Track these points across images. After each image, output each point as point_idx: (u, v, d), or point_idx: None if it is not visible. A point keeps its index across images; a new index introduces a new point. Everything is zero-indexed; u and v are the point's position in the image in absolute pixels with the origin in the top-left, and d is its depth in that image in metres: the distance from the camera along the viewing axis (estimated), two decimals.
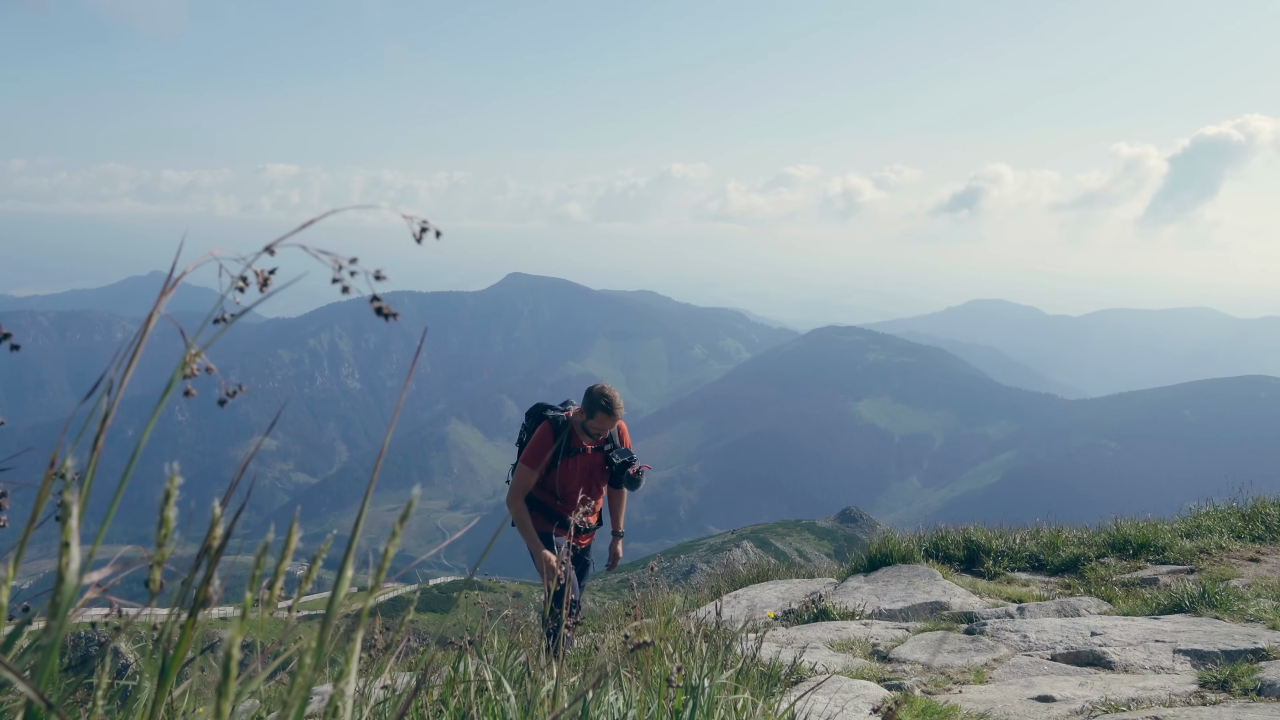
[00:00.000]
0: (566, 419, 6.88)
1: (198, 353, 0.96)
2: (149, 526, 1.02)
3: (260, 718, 2.01)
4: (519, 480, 6.75)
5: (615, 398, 6.67)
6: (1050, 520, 8.57)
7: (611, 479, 7.00)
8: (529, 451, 6.77)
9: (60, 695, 1.31)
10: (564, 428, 6.81)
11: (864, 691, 4.07)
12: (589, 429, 6.72)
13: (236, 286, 0.95)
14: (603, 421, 6.61)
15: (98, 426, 0.91)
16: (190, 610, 0.88)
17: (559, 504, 6.82)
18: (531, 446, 6.77)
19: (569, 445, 6.81)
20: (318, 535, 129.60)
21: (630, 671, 2.49)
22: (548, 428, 6.84)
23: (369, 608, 0.85)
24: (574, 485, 6.81)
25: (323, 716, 0.84)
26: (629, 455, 6.95)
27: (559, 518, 6.86)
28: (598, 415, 6.62)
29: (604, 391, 6.69)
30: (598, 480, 6.98)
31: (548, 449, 6.74)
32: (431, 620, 31.29)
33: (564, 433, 6.81)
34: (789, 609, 6.66)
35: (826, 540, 52.20)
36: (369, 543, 1.24)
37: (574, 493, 6.82)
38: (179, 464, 0.99)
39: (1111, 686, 4.27)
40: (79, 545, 0.85)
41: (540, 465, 6.72)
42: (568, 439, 6.82)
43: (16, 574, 0.98)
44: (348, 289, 0.98)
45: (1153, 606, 5.86)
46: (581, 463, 6.87)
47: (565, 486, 6.79)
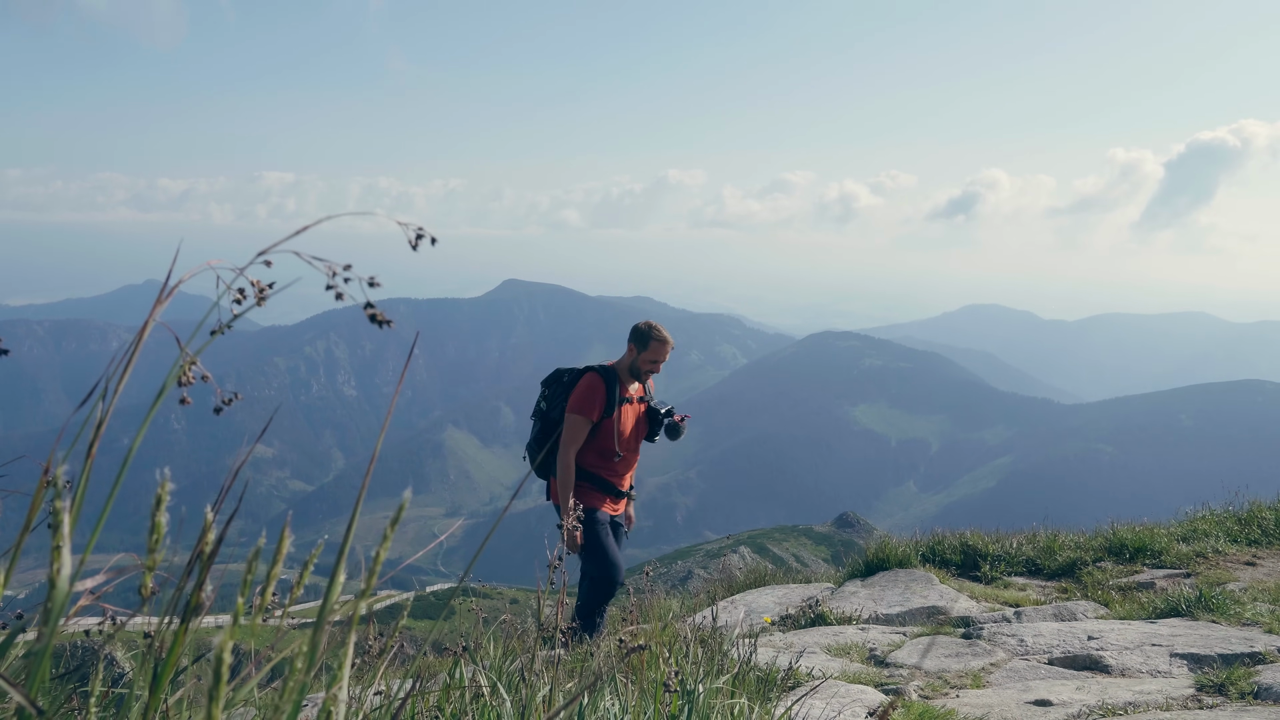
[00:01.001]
0: (610, 366, 6.45)
1: (193, 360, 0.96)
2: (144, 535, 1.02)
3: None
4: (571, 431, 6.24)
5: (663, 328, 6.32)
6: (1047, 525, 8.57)
7: (649, 431, 6.62)
8: (579, 399, 6.26)
9: (54, 703, 1.31)
10: (613, 375, 6.37)
11: (861, 696, 4.06)
12: (640, 368, 6.36)
13: (234, 299, 0.95)
14: (657, 351, 6.27)
15: (92, 434, 0.91)
16: (182, 617, 0.88)
17: (612, 462, 6.38)
18: (580, 393, 6.27)
19: (620, 394, 6.36)
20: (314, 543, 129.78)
21: (626, 677, 2.49)
22: (594, 377, 6.36)
23: (361, 612, 0.85)
24: (626, 438, 6.41)
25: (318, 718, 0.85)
26: (668, 405, 6.63)
27: (610, 488, 6.44)
28: (652, 346, 6.27)
29: (651, 324, 6.34)
30: (643, 431, 6.60)
31: (599, 397, 6.28)
32: (427, 627, 31.26)
33: (615, 381, 6.35)
34: (786, 614, 6.66)
35: (823, 545, 52.16)
36: (364, 549, 1.24)
37: (627, 447, 6.45)
38: (175, 474, 0.99)
39: (1108, 690, 4.27)
40: (71, 552, 0.85)
41: (594, 413, 6.25)
42: (618, 387, 6.37)
43: (12, 583, 0.98)
44: (341, 296, 0.98)
45: (1149, 610, 5.87)
46: (630, 413, 6.46)
47: (619, 440, 6.36)
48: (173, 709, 1.20)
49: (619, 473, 6.48)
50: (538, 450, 6.57)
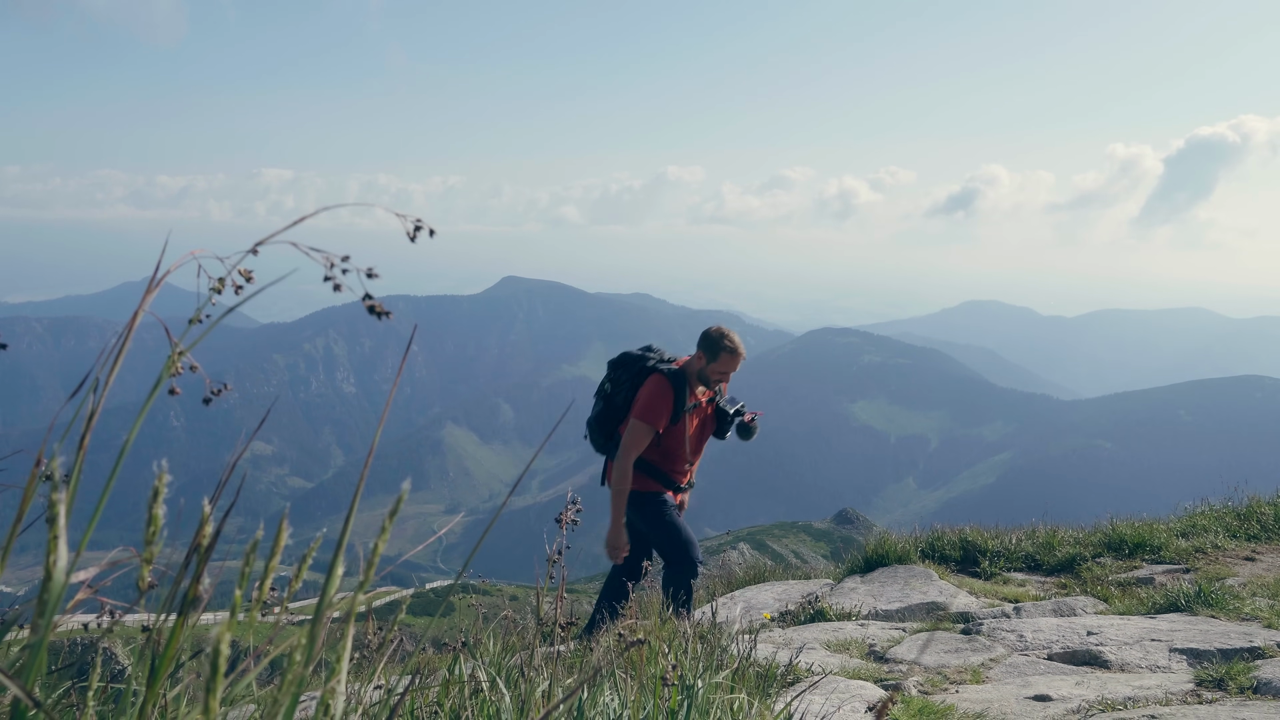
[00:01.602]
0: (679, 369, 6.28)
1: (183, 351, 0.96)
2: (142, 532, 1.01)
3: None
4: (634, 439, 6.12)
5: (737, 336, 6.20)
6: (1046, 520, 8.57)
7: (718, 429, 6.54)
8: (645, 407, 6.12)
9: (52, 697, 1.30)
10: (683, 380, 6.21)
11: (860, 691, 4.07)
12: (709, 376, 6.20)
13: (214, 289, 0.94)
14: (727, 364, 6.12)
15: (84, 426, 0.90)
16: (179, 610, 0.88)
17: (670, 464, 6.33)
18: (647, 402, 6.12)
19: (687, 400, 6.23)
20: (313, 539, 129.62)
21: (625, 672, 2.48)
22: (663, 381, 6.18)
23: (359, 606, 0.85)
24: (692, 443, 6.36)
25: (315, 715, 0.84)
26: (739, 404, 6.51)
27: (671, 482, 6.39)
28: (722, 357, 6.11)
29: (724, 331, 6.17)
30: (708, 432, 6.54)
31: (667, 404, 6.14)
32: (426, 623, 31.28)
33: (684, 386, 6.20)
34: (785, 610, 6.66)
35: (823, 542, 52.21)
36: (363, 545, 1.24)
37: (693, 450, 6.40)
38: (174, 471, 0.99)
39: (1108, 685, 4.27)
40: (67, 545, 0.85)
41: (661, 423, 6.13)
42: (686, 393, 6.23)
43: (11, 580, 0.97)
44: (339, 287, 0.97)
45: (1149, 606, 5.87)
46: (698, 416, 6.38)
47: (682, 445, 6.29)
48: (171, 703, 1.19)
49: (681, 470, 6.45)
50: (598, 430, 6.51)
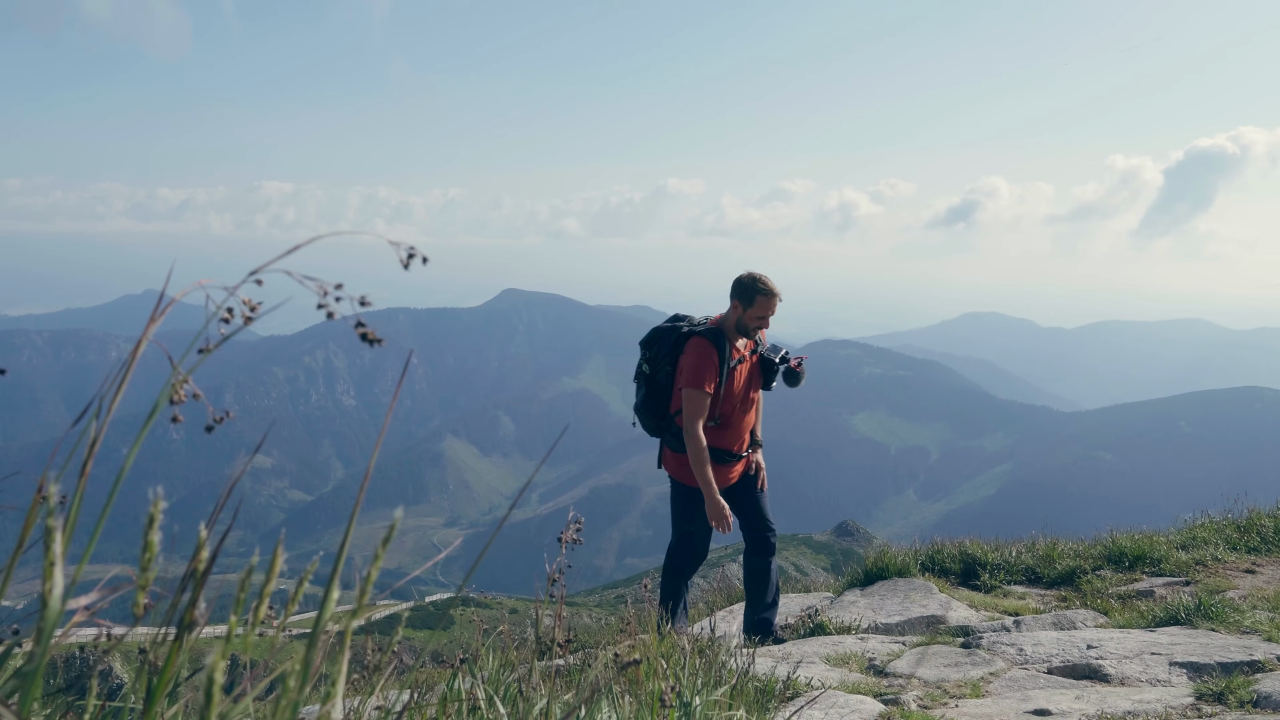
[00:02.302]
0: (715, 327, 6.06)
1: (184, 379, 0.97)
2: (140, 546, 1.02)
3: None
4: (692, 409, 5.89)
5: (769, 278, 5.93)
6: (1046, 533, 8.57)
7: (764, 381, 6.27)
8: (692, 373, 5.89)
9: (48, 715, 1.30)
10: (722, 338, 5.97)
11: (860, 706, 4.06)
12: (747, 324, 5.96)
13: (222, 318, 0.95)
14: (764, 306, 5.88)
15: (86, 451, 0.91)
16: (177, 631, 0.88)
17: (726, 428, 6.08)
18: (692, 367, 5.90)
19: (729, 356, 5.98)
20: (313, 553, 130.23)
21: (624, 689, 2.48)
22: (703, 342, 5.95)
23: (354, 629, 0.85)
24: (738, 400, 6.10)
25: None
26: (783, 350, 6.25)
27: (726, 455, 6.15)
28: (758, 302, 5.88)
29: (754, 275, 5.93)
30: (758, 387, 6.28)
31: (713, 364, 5.90)
32: (426, 637, 31.20)
33: (725, 343, 5.96)
34: (785, 623, 6.65)
35: (823, 554, 52.13)
36: (363, 560, 1.24)
37: (743, 406, 6.15)
38: (175, 484, 0.99)
39: (1108, 699, 4.26)
40: (64, 569, 0.85)
41: (710, 385, 5.88)
42: (728, 350, 5.98)
43: (10, 594, 0.98)
44: (333, 315, 0.98)
45: (1149, 619, 5.86)
46: (743, 372, 6.10)
47: (731, 405, 6.05)
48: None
49: (734, 436, 6.20)
50: (646, 413, 6.33)
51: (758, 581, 6.36)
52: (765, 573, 6.34)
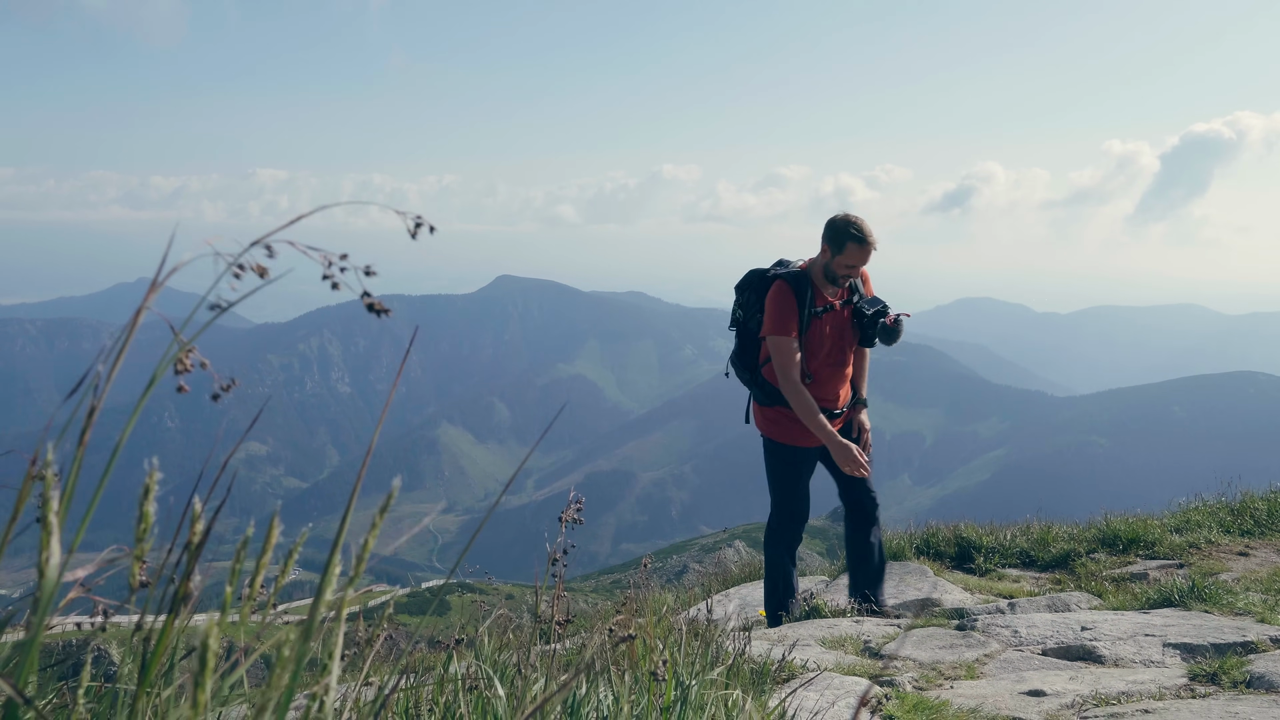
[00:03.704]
0: (802, 270, 5.69)
1: (190, 347, 0.96)
2: (132, 533, 1.02)
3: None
4: (779, 359, 5.56)
5: (865, 223, 5.50)
6: (1041, 516, 8.59)
7: (861, 336, 5.87)
8: (771, 319, 5.57)
9: (43, 695, 1.30)
10: (805, 282, 5.62)
11: (854, 688, 4.07)
12: (835, 271, 5.55)
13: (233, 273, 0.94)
14: (854, 255, 5.47)
15: (84, 422, 0.91)
16: (171, 607, 0.88)
17: (808, 383, 5.66)
18: (771, 313, 5.57)
19: (813, 303, 5.62)
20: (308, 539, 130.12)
21: (620, 668, 2.49)
22: (783, 285, 5.61)
23: (351, 598, 0.85)
24: (825, 353, 5.70)
25: (306, 711, 0.84)
26: (881, 304, 5.78)
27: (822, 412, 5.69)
28: (848, 249, 5.46)
29: (849, 218, 5.51)
30: (850, 341, 5.84)
31: (792, 310, 5.55)
32: (421, 622, 31.26)
33: (808, 288, 5.61)
34: None
35: (818, 539, 52.22)
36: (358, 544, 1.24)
37: (830, 361, 5.75)
38: (168, 471, 0.99)
39: (1102, 680, 4.28)
40: (60, 545, 0.85)
41: (793, 330, 5.53)
42: (811, 296, 5.62)
43: (4, 582, 0.97)
44: (338, 286, 0.98)
45: (1142, 601, 5.88)
46: (830, 321, 5.70)
47: (815, 356, 5.66)
48: (163, 702, 1.20)
49: (826, 392, 5.80)
50: (740, 365, 5.98)
51: (861, 555, 6.06)
52: (867, 546, 6.04)
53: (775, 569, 6.16)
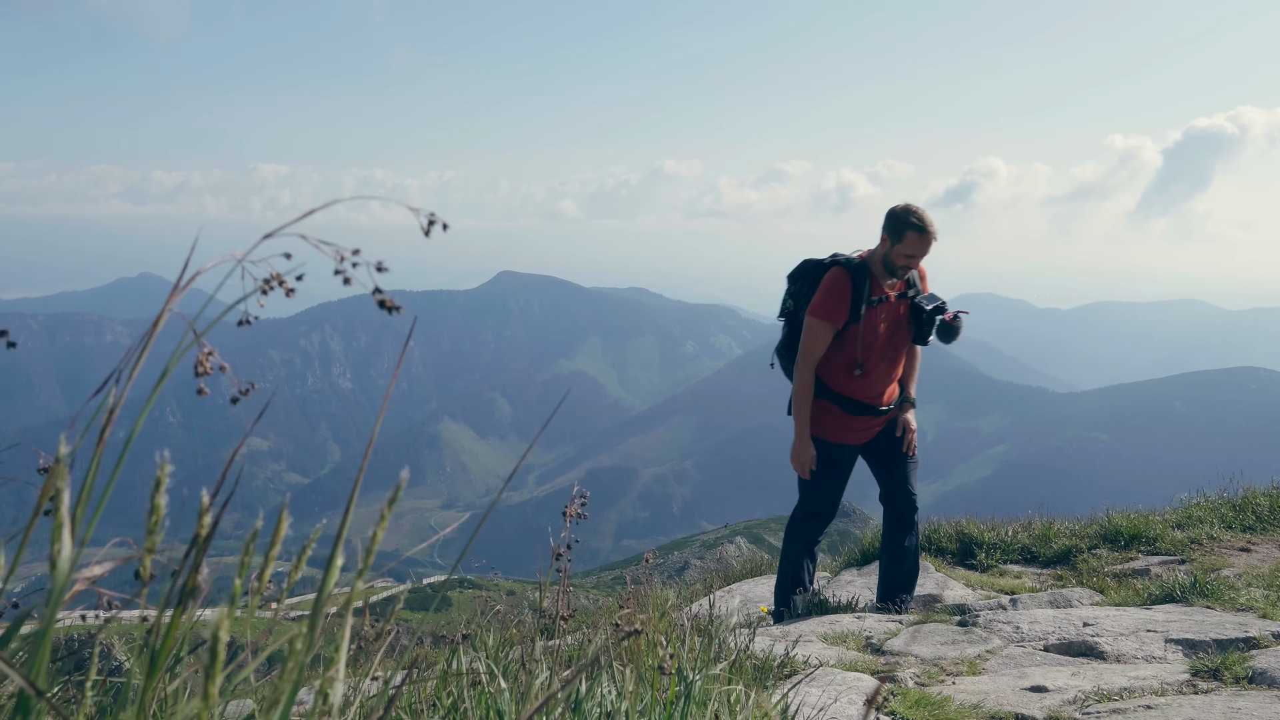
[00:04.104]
0: (862, 260, 5.53)
1: (210, 350, 0.96)
2: (141, 529, 1.02)
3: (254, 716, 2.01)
4: (808, 339, 5.47)
5: (925, 213, 5.34)
6: (1042, 512, 8.58)
7: (916, 333, 5.70)
8: (818, 301, 5.45)
9: (53, 687, 1.31)
10: (863, 272, 5.46)
11: (857, 683, 4.08)
12: (894, 262, 5.40)
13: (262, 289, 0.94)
14: (914, 244, 5.30)
15: (104, 419, 0.91)
16: (179, 600, 0.88)
17: (862, 384, 5.55)
18: (820, 296, 5.44)
19: (869, 293, 5.46)
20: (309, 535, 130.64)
21: (623, 663, 2.49)
22: (841, 272, 5.45)
23: (358, 591, 0.85)
24: (878, 346, 5.54)
25: (313, 705, 0.85)
26: (940, 300, 5.61)
27: (860, 406, 5.61)
28: (908, 238, 5.29)
29: (910, 207, 5.34)
30: (903, 336, 5.69)
31: (844, 297, 5.42)
32: (425, 618, 31.29)
33: (865, 278, 5.45)
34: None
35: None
36: (361, 541, 1.25)
37: (881, 356, 5.58)
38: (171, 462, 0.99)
39: (1104, 676, 4.28)
40: (71, 539, 0.85)
41: (837, 318, 5.42)
42: (869, 285, 5.46)
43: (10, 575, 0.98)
44: (350, 281, 0.98)
45: (1144, 597, 5.88)
46: (885, 314, 5.55)
47: (868, 348, 5.49)
48: (170, 696, 1.20)
49: (874, 388, 5.66)
50: (786, 355, 5.89)
51: (895, 558, 5.98)
52: (901, 549, 5.96)
53: (787, 563, 6.10)
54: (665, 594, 7.04)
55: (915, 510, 6.00)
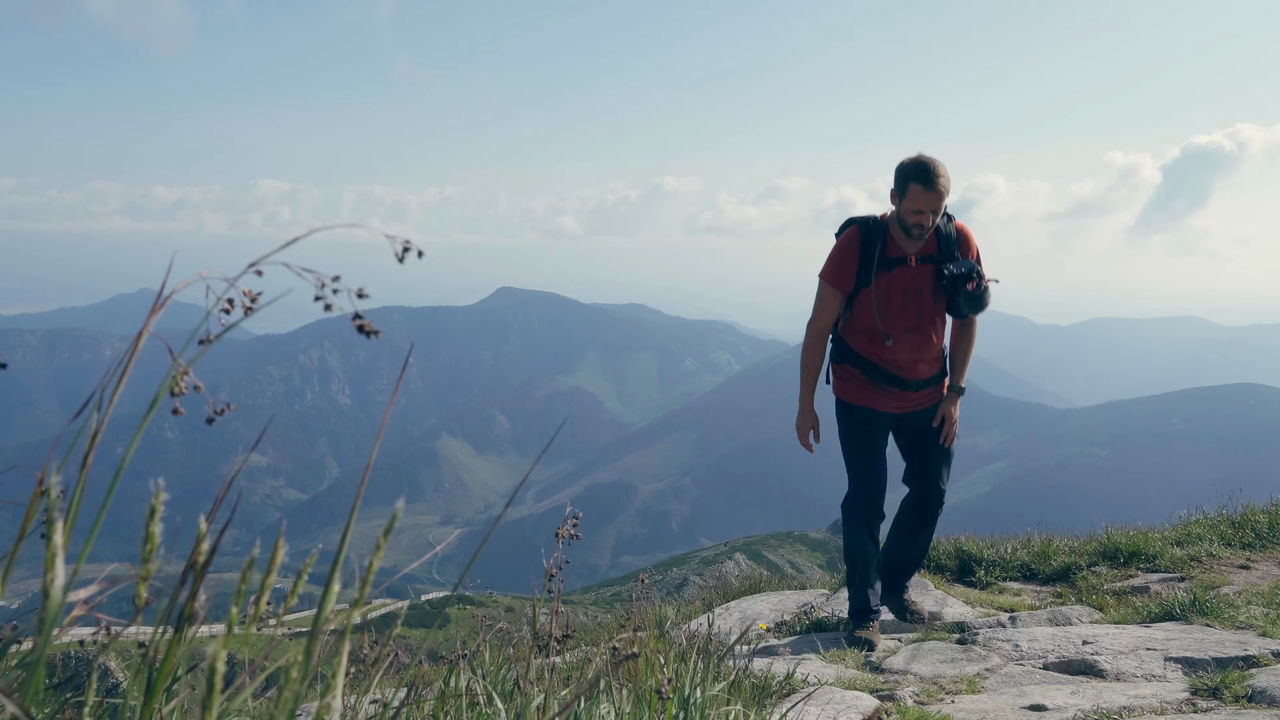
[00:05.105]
0: (881, 219, 5.19)
1: (185, 370, 0.97)
2: (138, 545, 1.02)
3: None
4: (821, 299, 5.24)
5: (935, 162, 4.87)
6: (1042, 529, 8.57)
7: (948, 303, 5.22)
8: (829, 261, 5.21)
9: (48, 713, 1.30)
10: (878, 230, 5.12)
11: (856, 702, 4.06)
12: (905, 220, 4.98)
13: (222, 309, 0.95)
14: (919, 199, 4.85)
15: (87, 444, 0.91)
16: (176, 626, 0.88)
17: (885, 350, 5.21)
18: (832, 254, 5.22)
19: (884, 254, 5.11)
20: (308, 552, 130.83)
21: (621, 684, 2.49)
22: (853, 232, 5.16)
23: (355, 621, 0.85)
24: (893, 313, 5.14)
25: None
26: (970, 266, 5.07)
27: (887, 376, 5.28)
28: (911, 190, 4.87)
29: (916, 157, 4.91)
30: (928, 304, 5.20)
31: (851, 259, 5.13)
32: (422, 635, 31.17)
33: (879, 238, 5.10)
34: (781, 620, 6.65)
35: (819, 552, 52.17)
36: (359, 558, 1.25)
37: (903, 323, 5.16)
38: (169, 483, 0.99)
39: (1103, 695, 4.27)
40: (65, 562, 0.85)
41: (843, 281, 5.15)
42: (883, 246, 5.11)
43: (5, 594, 0.98)
44: (330, 307, 0.98)
45: (1144, 614, 5.87)
46: (901, 279, 5.13)
47: (884, 315, 5.11)
48: (167, 718, 1.20)
49: (902, 358, 5.26)
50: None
51: (903, 542, 5.84)
52: (912, 535, 5.81)
53: (852, 555, 5.67)
54: (664, 611, 7.03)
55: (940, 506, 5.77)
